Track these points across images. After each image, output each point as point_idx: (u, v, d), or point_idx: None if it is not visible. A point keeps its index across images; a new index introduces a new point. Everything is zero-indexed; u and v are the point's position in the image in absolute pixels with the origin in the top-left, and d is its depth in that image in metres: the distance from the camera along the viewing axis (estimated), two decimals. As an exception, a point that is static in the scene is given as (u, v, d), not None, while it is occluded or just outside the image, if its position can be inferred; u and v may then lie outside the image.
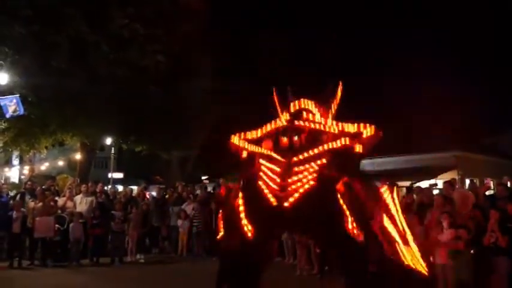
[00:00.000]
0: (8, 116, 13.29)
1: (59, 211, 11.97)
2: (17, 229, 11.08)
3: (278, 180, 4.33)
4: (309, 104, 4.80)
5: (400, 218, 4.39)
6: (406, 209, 9.20)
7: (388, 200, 4.27)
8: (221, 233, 4.90)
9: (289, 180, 4.29)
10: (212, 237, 13.35)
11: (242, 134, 4.90)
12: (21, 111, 13.11)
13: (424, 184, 15.52)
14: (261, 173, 4.42)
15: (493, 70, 28.78)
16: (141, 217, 12.74)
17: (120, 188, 19.40)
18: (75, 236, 11.53)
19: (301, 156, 4.34)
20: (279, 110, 4.96)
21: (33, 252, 11.47)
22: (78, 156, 23.01)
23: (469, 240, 6.96)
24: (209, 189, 15.59)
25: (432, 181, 18.31)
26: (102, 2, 15.82)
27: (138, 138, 20.82)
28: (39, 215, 11.32)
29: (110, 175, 31.70)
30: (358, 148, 4.34)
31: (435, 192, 10.74)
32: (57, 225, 11.52)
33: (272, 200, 4.28)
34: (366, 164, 25.30)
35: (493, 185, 15.19)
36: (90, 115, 17.08)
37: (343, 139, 4.31)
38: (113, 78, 16.41)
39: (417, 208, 9.04)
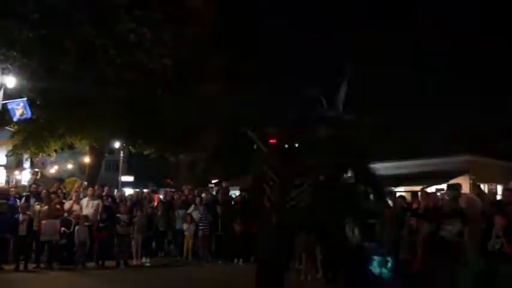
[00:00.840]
0: (15, 119, 13.40)
1: (65, 214, 11.99)
2: (23, 232, 11.10)
3: None
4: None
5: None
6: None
7: None
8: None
9: None
10: (218, 240, 13.41)
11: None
12: (29, 114, 13.20)
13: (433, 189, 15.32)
14: None
15: (508, 73, 28.36)
16: (146, 220, 12.71)
17: (130, 191, 19.49)
18: (80, 239, 11.52)
19: None
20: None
21: (39, 255, 11.48)
22: (87, 159, 23.20)
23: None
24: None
25: (440, 186, 18.07)
26: (110, 6, 15.89)
27: (146, 141, 20.89)
28: (45, 218, 11.34)
29: (120, 178, 31.91)
30: None
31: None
32: (63, 228, 11.54)
33: None
34: (378, 169, 25.21)
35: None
36: (98, 118, 17.17)
37: None
38: (120, 81, 16.48)
39: (423, 212, 8.92)
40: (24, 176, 28.77)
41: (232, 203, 13.92)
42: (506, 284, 6.55)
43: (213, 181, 26.08)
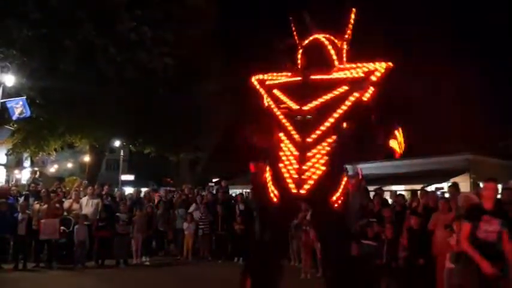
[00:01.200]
0: (14, 118, 13.38)
1: (65, 213, 11.97)
2: (22, 231, 11.09)
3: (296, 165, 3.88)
4: (324, 41, 4.05)
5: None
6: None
7: None
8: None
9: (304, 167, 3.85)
10: (218, 240, 13.40)
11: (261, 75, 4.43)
12: (28, 113, 13.17)
13: (433, 188, 15.30)
14: (281, 153, 3.97)
15: (509, 72, 28.29)
16: (145, 219, 12.68)
17: (131, 190, 19.48)
18: (80, 238, 11.50)
19: (314, 135, 3.84)
20: (297, 41, 4.32)
21: (38, 254, 11.47)
22: (87, 158, 23.18)
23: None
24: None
25: (440, 185, 18.06)
26: (110, 5, 15.85)
27: (146, 141, 20.88)
28: (44, 217, 11.32)
29: (120, 177, 31.91)
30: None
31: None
32: (62, 228, 11.51)
33: (291, 186, 3.91)
34: (377, 167, 25.25)
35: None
36: (98, 117, 17.17)
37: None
38: (121, 80, 16.46)
39: (422, 211, 8.90)
40: (24, 175, 28.73)
41: (232, 202, 13.89)
42: None
43: (213, 180, 26.09)
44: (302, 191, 3.74)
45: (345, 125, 3.83)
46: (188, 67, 18.82)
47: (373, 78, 3.72)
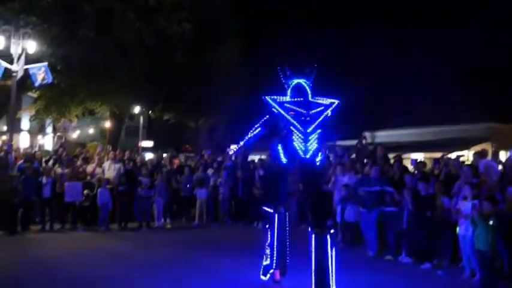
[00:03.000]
0: (36, 84, 13.52)
1: (88, 177, 12.24)
2: (47, 194, 11.42)
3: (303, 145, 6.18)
4: (304, 84, 6.72)
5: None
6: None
7: None
8: None
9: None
10: (238, 204, 13.61)
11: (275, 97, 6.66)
12: (50, 79, 13.29)
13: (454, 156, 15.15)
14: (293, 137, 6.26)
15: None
16: (166, 184, 12.91)
17: (150, 155, 19.74)
18: (103, 202, 11.81)
19: (310, 128, 6.27)
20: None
21: (63, 217, 11.83)
22: (108, 124, 23.45)
23: (494, 212, 6.72)
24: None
25: (460, 152, 17.90)
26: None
27: (165, 107, 20.96)
28: (68, 181, 11.63)
29: (140, 143, 32.24)
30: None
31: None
32: (86, 191, 11.82)
33: (301, 153, 6.17)
34: (399, 135, 25.12)
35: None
36: (117, 84, 17.26)
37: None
38: (139, 46, 16.44)
39: (444, 179, 8.87)
40: (47, 141, 29.27)
41: (251, 167, 14.00)
42: None
43: (232, 146, 26.15)
44: (306, 156, 6.13)
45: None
46: (206, 32, 18.67)
47: (332, 106, 6.61)
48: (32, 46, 12.80)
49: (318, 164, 6.28)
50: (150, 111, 23.24)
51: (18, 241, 10.13)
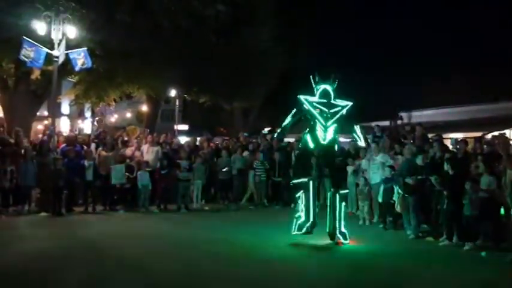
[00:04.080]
0: (77, 69, 13.76)
1: (128, 160, 12.50)
2: (89, 176, 11.72)
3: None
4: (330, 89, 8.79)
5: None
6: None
7: None
8: None
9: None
10: (274, 186, 13.64)
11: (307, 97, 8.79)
12: (89, 64, 13.49)
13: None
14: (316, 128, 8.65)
15: None
16: (204, 166, 13.06)
17: (185, 139, 19.95)
18: (143, 184, 12.05)
19: (330, 123, 8.65)
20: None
21: (105, 199, 12.15)
22: (144, 108, 23.79)
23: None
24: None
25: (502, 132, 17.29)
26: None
27: (201, 89, 21.04)
28: (112, 164, 11.91)
29: (175, 127, 32.65)
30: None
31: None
32: (126, 174, 12.08)
33: (322, 140, 8.67)
34: (436, 115, 24.50)
35: None
36: (154, 67, 17.40)
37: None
38: (175, 29, 16.47)
39: (487, 158, 8.64)
40: (86, 125, 30.06)
41: (288, 149, 13.96)
42: None
43: (266, 128, 26.19)
44: (325, 142, 8.58)
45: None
46: (241, 14, 18.54)
47: (348, 106, 8.82)
48: (71, 31, 12.99)
49: (335, 147, 8.90)
50: (185, 94, 23.40)
51: (64, 222, 10.45)
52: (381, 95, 28.44)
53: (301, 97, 8.62)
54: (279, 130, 10.06)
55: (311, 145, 8.66)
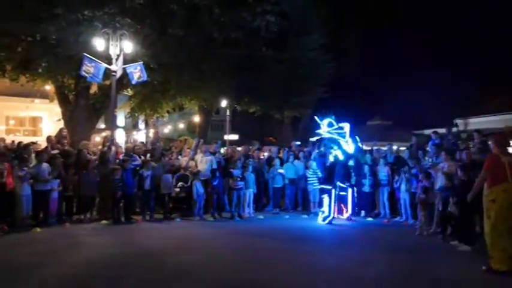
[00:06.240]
0: (133, 82, 14.26)
1: (182, 170, 12.79)
2: (147, 186, 12.07)
3: None
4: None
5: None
6: None
7: None
8: None
9: None
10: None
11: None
12: (145, 77, 13.95)
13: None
14: None
15: None
16: (255, 175, 13.18)
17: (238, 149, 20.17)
18: (198, 193, 12.30)
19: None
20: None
21: (162, 208, 12.48)
22: (196, 119, 24.26)
23: None
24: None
25: None
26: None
27: (251, 99, 21.26)
28: (162, 174, 12.29)
29: (225, 137, 33.04)
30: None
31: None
32: (181, 183, 12.38)
33: None
34: (494, 121, 23.58)
35: None
36: (205, 78, 17.75)
37: None
38: (225, 41, 16.76)
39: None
40: (140, 136, 30.98)
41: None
42: None
43: (314, 138, 26.02)
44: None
45: None
46: (290, 24, 18.64)
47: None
48: (128, 46, 13.50)
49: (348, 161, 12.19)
50: (236, 105, 23.71)
51: (123, 230, 10.78)
52: (434, 103, 27.72)
53: (326, 130, 12.30)
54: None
55: (341, 157, 11.97)
